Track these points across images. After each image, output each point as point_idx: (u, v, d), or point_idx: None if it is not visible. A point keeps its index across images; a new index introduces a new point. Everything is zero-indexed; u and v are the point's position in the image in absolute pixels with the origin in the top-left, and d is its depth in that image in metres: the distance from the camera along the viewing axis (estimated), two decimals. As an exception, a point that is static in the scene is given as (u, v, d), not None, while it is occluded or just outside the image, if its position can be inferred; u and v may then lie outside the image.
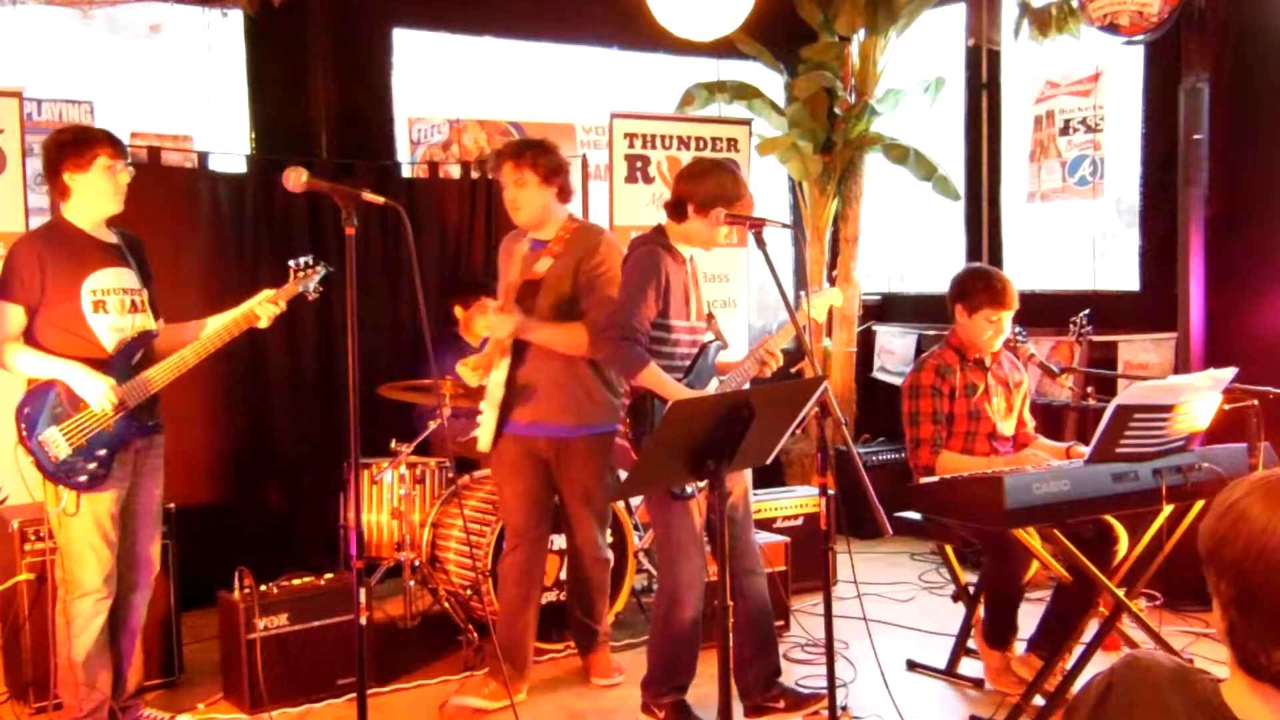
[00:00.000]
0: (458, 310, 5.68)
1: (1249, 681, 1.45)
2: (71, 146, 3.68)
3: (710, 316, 4.04)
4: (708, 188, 3.82)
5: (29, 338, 3.70)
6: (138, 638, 3.98)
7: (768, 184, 7.61)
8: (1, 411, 3.80)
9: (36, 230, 3.95)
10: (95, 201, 3.73)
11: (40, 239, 3.77)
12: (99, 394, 3.62)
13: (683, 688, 3.98)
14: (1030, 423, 4.53)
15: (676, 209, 3.89)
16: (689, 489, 3.74)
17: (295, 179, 3.00)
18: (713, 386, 3.89)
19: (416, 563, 4.97)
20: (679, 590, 3.84)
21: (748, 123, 6.61)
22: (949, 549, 4.52)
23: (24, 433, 3.65)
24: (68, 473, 3.65)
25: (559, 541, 4.83)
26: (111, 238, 3.83)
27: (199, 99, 6.05)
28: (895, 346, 7.30)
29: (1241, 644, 1.45)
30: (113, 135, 3.79)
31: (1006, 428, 4.38)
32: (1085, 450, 3.82)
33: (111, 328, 3.73)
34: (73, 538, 3.70)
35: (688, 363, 3.88)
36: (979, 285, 4.26)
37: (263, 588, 4.22)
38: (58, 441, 3.63)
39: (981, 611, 4.39)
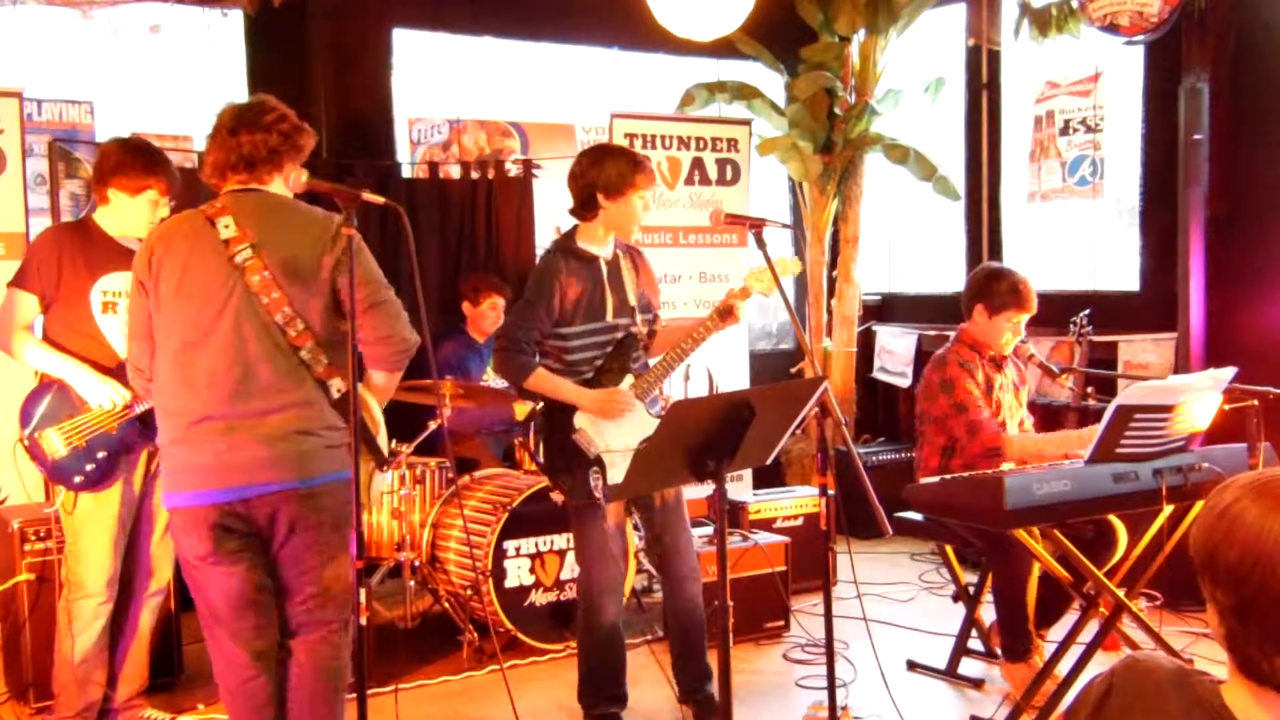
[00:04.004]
0: (466, 307, 5.76)
1: (1250, 687, 1.44)
2: (131, 168, 3.68)
3: (641, 307, 3.96)
4: (610, 172, 3.81)
5: (44, 333, 3.73)
6: (133, 641, 3.95)
7: (768, 184, 7.62)
8: (2, 411, 3.80)
9: (63, 225, 3.98)
10: (126, 222, 3.76)
11: (63, 234, 3.81)
12: (105, 391, 3.63)
13: (615, 699, 3.99)
14: (1029, 420, 4.54)
15: (586, 205, 3.86)
16: (597, 495, 3.77)
17: (295, 179, 3.00)
18: (626, 382, 3.87)
19: (416, 563, 4.97)
20: (593, 594, 3.89)
21: (748, 123, 6.62)
22: (949, 549, 4.52)
23: (22, 430, 3.66)
24: (64, 473, 3.65)
25: (558, 542, 4.84)
26: (137, 243, 3.79)
27: (199, 99, 6.05)
28: (895, 346, 7.30)
29: (1242, 650, 1.43)
30: (172, 170, 3.79)
31: (1013, 427, 4.39)
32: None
33: (123, 330, 3.71)
34: (78, 538, 3.72)
35: (600, 363, 3.87)
36: (1004, 287, 4.24)
37: (263, 588, 4.21)
38: (53, 441, 3.63)
39: (990, 622, 4.39)
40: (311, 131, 3.18)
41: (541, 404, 3.89)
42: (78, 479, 3.65)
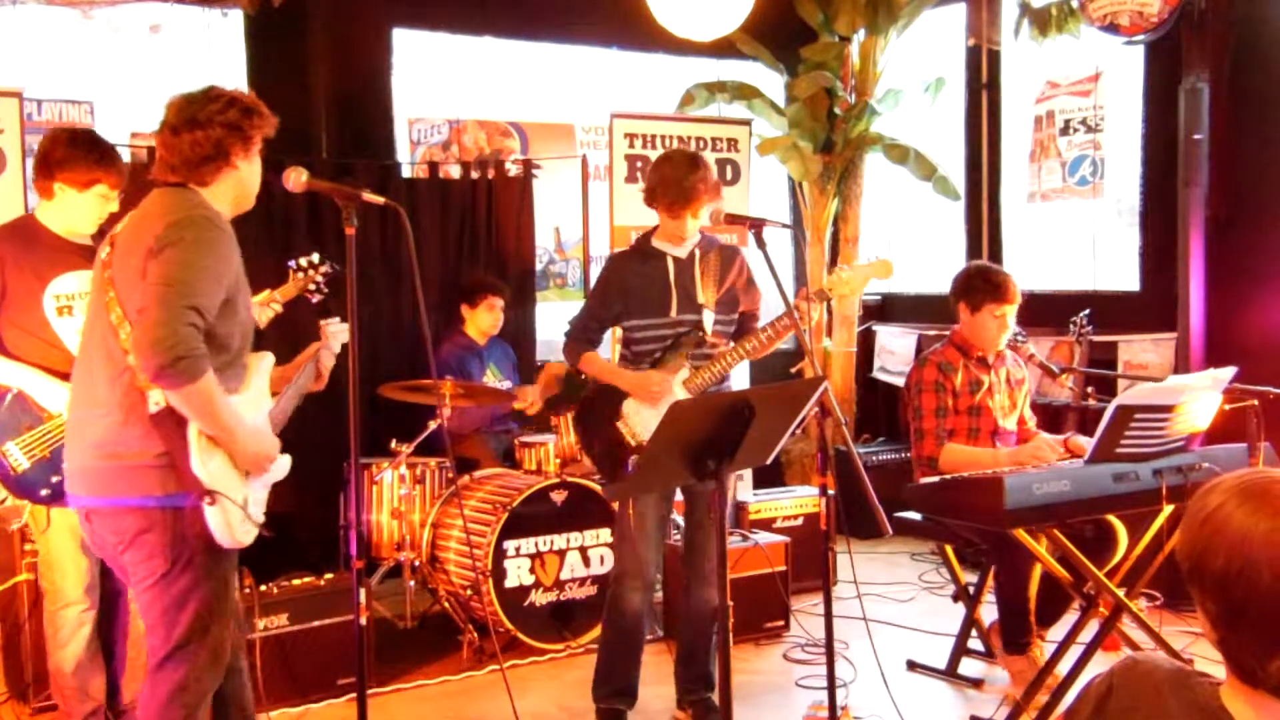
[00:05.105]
0: (464, 308, 5.76)
1: (1245, 690, 1.43)
2: (80, 161, 3.48)
3: (722, 306, 4.01)
4: (651, 180, 3.93)
5: None
6: (128, 639, 3.87)
7: (768, 184, 7.61)
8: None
9: (2, 228, 3.70)
10: (74, 218, 3.55)
11: (4, 238, 3.57)
12: (65, 396, 3.35)
13: (623, 693, 4.03)
14: (1031, 419, 4.54)
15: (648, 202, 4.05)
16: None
17: (295, 179, 2.97)
18: (681, 376, 3.91)
19: (416, 563, 4.98)
20: (620, 577, 3.98)
21: (748, 123, 6.61)
22: (949, 549, 4.52)
23: None
24: (28, 486, 3.46)
25: (558, 542, 4.84)
26: (86, 239, 3.60)
27: (199, 99, 6.04)
28: (895, 346, 7.30)
29: (1235, 656, 1.42)
30: (121, 162, 3.61)
31: (1009, 425, 4.39)
32: (1084, 440, 3.83)
33: (80, 331, 3.43)
34: (50, 548, 3.61)
35: (658, 355, 3.96)
36: (979, 282, 4.28)
37: (263, 588, 4.22)
38: (15, 454, 3.45)
39: (991, 622, 4.39)
40: (267, 116, 2.96)
41: (587, 391, 4.03)
42: (44, 492, 3.47)
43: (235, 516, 2.77)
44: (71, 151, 3.50)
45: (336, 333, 3.37)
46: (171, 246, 2.66)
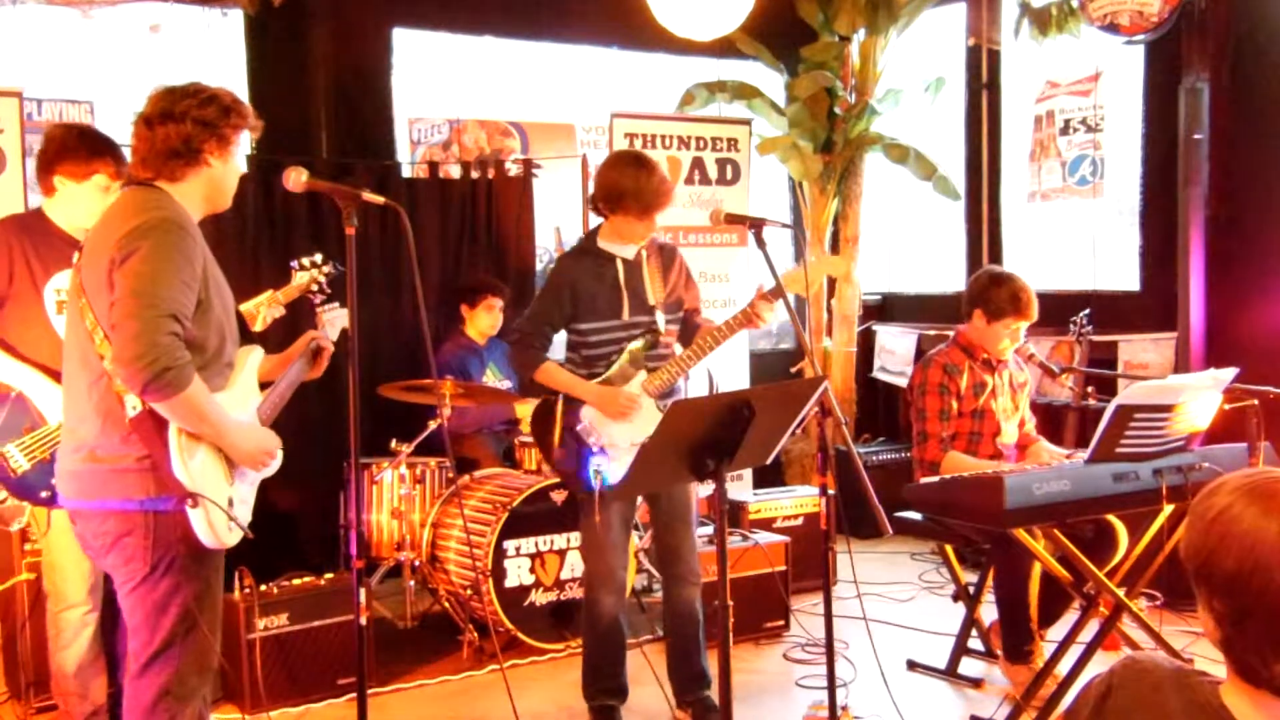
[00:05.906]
0: (464, 309, 5.76)
1: (1249, 691, 1.43)
2: (74, 152, 3.46)
3: (669, 307, 3.98)
4: (610, 191, 3.82)
5: None
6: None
7: (768, 184, 7.62)
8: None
9: (14, 217, 3.71)
10: (76, 212, 3.50)
11: (13, 227, 3.56)
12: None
13: (612, 691, 4.03)
14: (1031, 421, 4.54)
15: (594, 205, 3.94)
16: (595, 489, 3.80)
17: (295, 179, 2.97)
18: (639, 379, 3.90)
19: (416, 563, 4.98)
20: (591, 585, 3.99)
21: (748, 123, 6.62)
22: (949, 549, 4.52)
23: None
24: (29, 488, 3.42)
25: (558, 541, 4.84)
26: None
27: (199, 99, 6.03)
28: (895, 346, 7.30)
29: (1239, 656, 1.42)
30: (119, 151, 3.55)
31: (1010, 429, 4.38)
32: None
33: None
34: (52, 550, 3.61)
35: (614, 358, 3.92)
36: (1004, 295, 4.24)
37: (263, 588, 4.22)
38: (15, 456, 3.41)
39: (991, 621, 4.40)
40: (248, 116, 2.90)
41: (546, 396, 3.95)
42: (43, 493, 3.43)
43: (219, 518, 2.73)
44: (67, 143, 3.48)
45: (334, 319, 3.35)
46: (133, 256, 2.60)
